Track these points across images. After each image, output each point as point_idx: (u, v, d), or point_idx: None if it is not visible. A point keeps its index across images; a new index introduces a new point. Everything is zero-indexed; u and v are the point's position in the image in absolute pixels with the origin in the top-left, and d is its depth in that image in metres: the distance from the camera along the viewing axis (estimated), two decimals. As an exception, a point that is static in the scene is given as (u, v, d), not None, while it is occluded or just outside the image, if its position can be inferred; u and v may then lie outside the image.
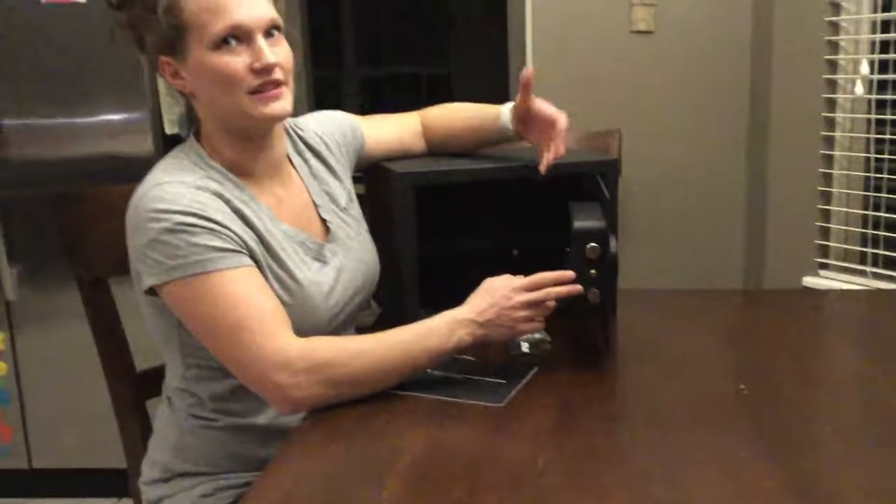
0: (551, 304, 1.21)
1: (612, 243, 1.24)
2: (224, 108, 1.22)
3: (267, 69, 1.19)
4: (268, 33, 1.21)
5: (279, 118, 1.25)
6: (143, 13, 1.20)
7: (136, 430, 1.43)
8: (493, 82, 3.59)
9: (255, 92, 1.20)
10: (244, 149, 1.27)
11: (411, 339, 1.18)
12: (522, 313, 1.20)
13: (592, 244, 1.21)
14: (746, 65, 2.76)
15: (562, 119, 1.38)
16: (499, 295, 1.20)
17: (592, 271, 1.22)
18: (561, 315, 1.24)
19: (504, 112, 1.47)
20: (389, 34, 5.26)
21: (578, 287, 1.21)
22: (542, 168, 1.37)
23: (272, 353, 1.13)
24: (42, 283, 2.45)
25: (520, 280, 1.21)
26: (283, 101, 1.22)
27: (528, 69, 1.38)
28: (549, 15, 2.80)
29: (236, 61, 1.18)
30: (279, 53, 1.21)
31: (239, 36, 1.18)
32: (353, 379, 1.14)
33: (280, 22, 1.23)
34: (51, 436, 2.55)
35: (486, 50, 4.33)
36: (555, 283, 1.21)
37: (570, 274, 1.21)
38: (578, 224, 1.23)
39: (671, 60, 2.79)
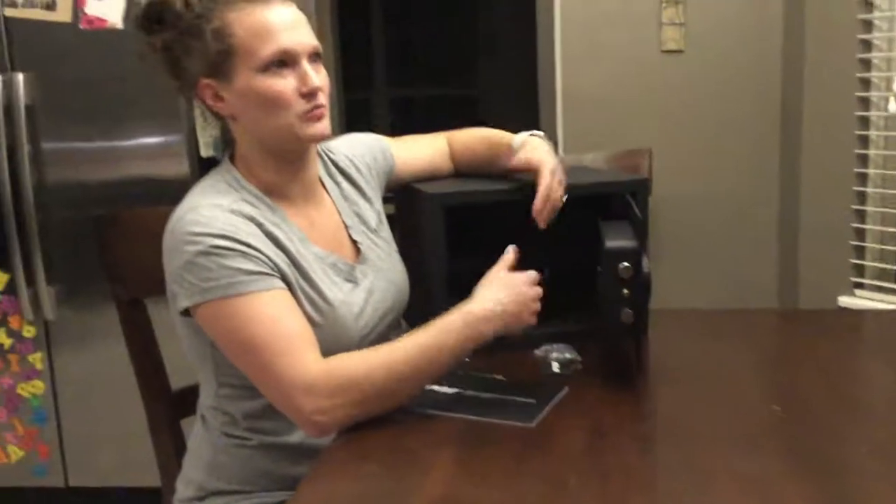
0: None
1: (645, 263, 1.23)
2: (268, 130, 1.25)
3: (313, 93, 1.23)
4: (310, 59, 1.25)
5: (322, 139, 1.29)
6: (185, 37, 1.23)
7: (171, 449, 1.45)
8: (522, 103, 3.61)
9: (301, 115, 1.23)
10: (281, 170, 1.29)
11: (430, 343, 1.18)
12: (536, 305, 1.25)
13: (625, 264, 1.21)
14: (777, 83, 2.75)
15: (545, 168, 1.38)
16: (516, 289, 1.23)
17: (625, 291, 1.22)
18: (594, 336, 1.24)
19: (515, 144, 1.48)
20: (419, 56, 5.30)
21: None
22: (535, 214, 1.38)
23: (296, 378, 1.14)
24: (80, 303, 2.49)
25: (529, 273, 1.26)
26: (326, 122, 1.27)
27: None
28: (579, 35, 2.81)
29: (285, 84, 1.22)
30: (321, 79, 1.25)
31: (286, 60, 1.22)
32: (378, 394, 1.15)
33: (321, 49, 1.28)
34: (87, 454, 2.58)
35: (515, 71, 4.35)
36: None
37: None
38: (610, 244, 1.23)
39: (701, 79, 2.78)
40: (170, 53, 1.26)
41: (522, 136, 1.49)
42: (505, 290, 1.22)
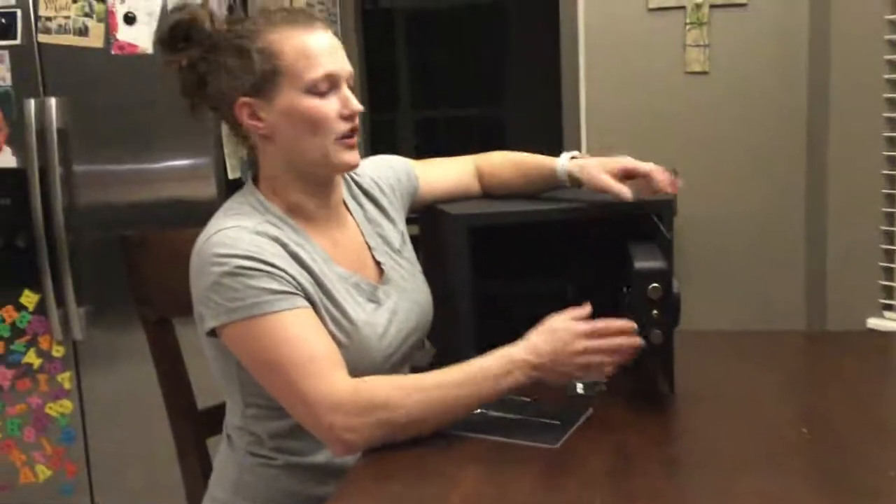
0: (609, 369, 1.20)
1: (675, 284, 1.23)
2: (303, 151, 1.27)
3: (353, 116, 1.27)
4: (347, 84, 1.28)
5: (351, 168, 1.32)
6: (220, 55, 1.25)
7: (197, 468, 1.45)
8: (546, 125, 3.62)
9: (340, 138, 1.26)
10: (309, 192, 1.31)
11: (465, 380, 1.18)
12: (580, 360, 1.18)
13: (654, 285, 1.20)
14: (803, 104, 2.74)
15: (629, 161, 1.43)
16: (559, 338, 1.18)
17: (654, 312, 1.21)
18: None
19: (559, 168, 1.48)
20: (443, 78, 5.33)
21: (639, 340, 1.19)
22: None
23: (324, 395, 1.15)
24: (108, 324, 2.52)
25: (582, 325, 1.19)
26: (356, 153, 1.30)
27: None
28: (603, 56, 2.82)
29: (328, 106, 1.25)
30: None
31: (330, 84, 1.25)
32: (406, 420, 1.15)
33: (353, 77, 1.30)
34: (113, 474, 2.60)
35: (540, 92, 4.36)
36: (618, 333, 1.19)
37: (633, 325, 1.20)
38: (640, 264, 1.22)
39: (726, 100, 2.78)
40: (194, 71, 1.28)
41: (566, 161, 1.48)
42: (551, 343, 1.18)
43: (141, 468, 2.54)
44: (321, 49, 1.25)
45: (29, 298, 2.51)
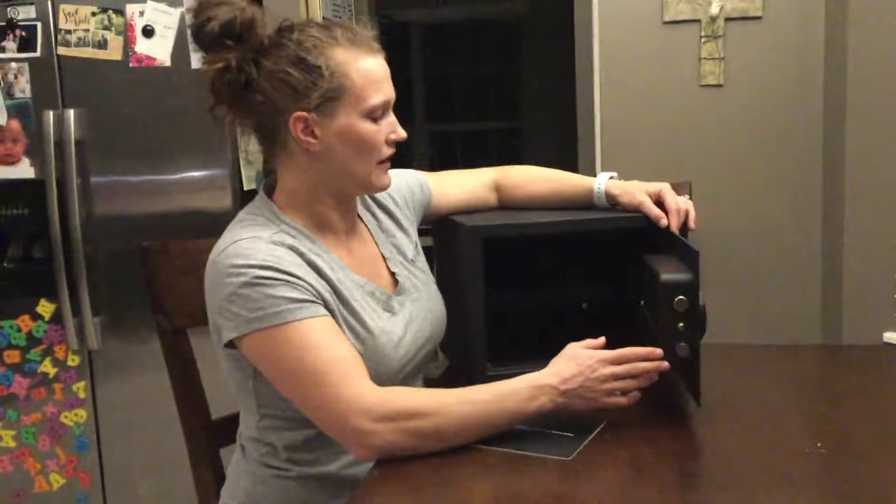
0: (636, 393, 1.20)
1: (701, 296, 1.22)
2: (353, 172, 1.28)
3: (398, 141, 1.30)
4: None
5: (386, 188, 1.35)
6: (284, 66, 1.22)
7: (210, 478, 1.46)
8: (560, 138, 3.62)
9: (381, 161, 1.29)
10: (335, 206, 1.33)
11: (491, 400, 1.17)
12: (606, 386, 1.19)
13: (681, 297, 1.20)
14: (819, 117, 2.73)
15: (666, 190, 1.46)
16: (584, 365, 1.19)
17: (680, 324, 1.20)
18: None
19: (598, 188, 1.50)
20: (459, 91, 5.35)
21: (665, 364, 1.20)
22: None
23: (352, 399, 1.15)
24: (123, 334, 2.54)
25: (607, 352, 1.20)
26: (390, 175, 1.33)
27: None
28: (618, 69, 2.82)
29: (380, 131, 1.27)
30: None
31: (383, 110, 1.27)
32: (431, 433, 1.15)
33: None
34: (127, 483, 2.60)
35: (555, 106, 4.37)
36: (644, 359, 1.20)
37: (658, 351, 1.20)
38: (666, 277, 1.21)
39: (741, 113, 2.77)
40: (238, 74, 1.23)
41: (604, 181, 1.50)
42: (573, 366, 1.19)
43: (154, 477, 2.55)
44: (382, 75, 1.27)
45: (45, 308, 2.53)
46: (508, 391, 1.18)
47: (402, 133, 1.30)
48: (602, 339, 1.23)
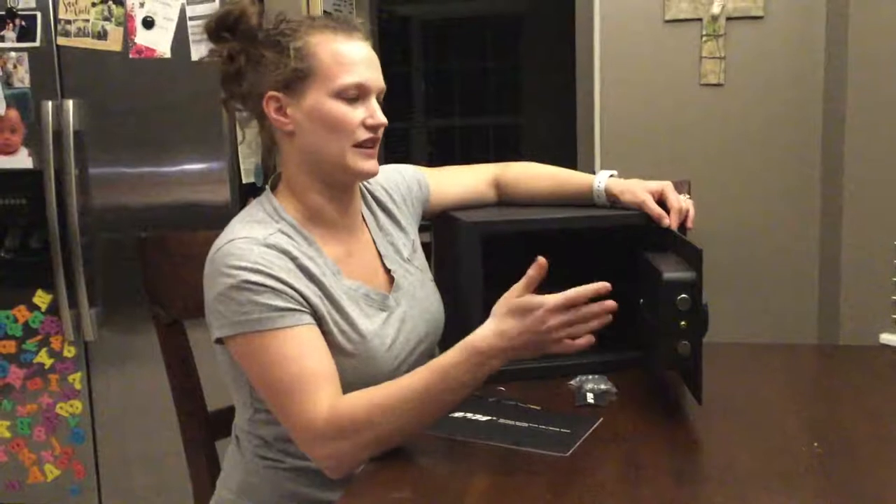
0: (589, 336, 1.12)
1: (704, 294, 1.22)
2: (324, 153, 1.28)
3: (376, 127, 1.29)
4: (376, 98, 1.30)
5: (368, 177, 1.33)
6: (259, 48, 1.28)
7: (205, 470, 1.46)
8: (561, 135, 3.62)
9: (358, 145, 1.28)
10: (329, 196, 1.32)
11: (435, 381, 1.14)
12: (559, 335, 1.11)
13: (683, 296, 1.19)
14: (819, 117, 2.73)
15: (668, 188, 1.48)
16: (530, 319, 1.10)
17: (683, 323, 1.20)
18: (640, 366, 1.22)
19: (598, 186, 1.51)
20: (459, 87, 5.35)
21: (612, 302, 1.11)
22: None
23: (304, 424, 1.16)
24: (119, 325, 2.53)
25: (553, 299, 1.10)
26: (375, 162, 1.32)
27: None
28: (619, 67, 2.82)
29: (353, 113, 1.27)
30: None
31: (359, 93, 1.27)
32: (384, 437, 1.15)
33: (383, 93, 1.32)
34: (121, 475, 2.60)
35: (555, 103, 4.37)
36: (595, 298, 1.11)
37: (605, 286, 1.11)
38: (669, 275, 1.21)
39: (741, 113, 2.77)
40: (233, 63, 1.30)
41: (604, 179, 1.52)
42: (515, 320, 1.11)
43: (149, 469, 2.55)
44: (356, 58, 1.27)
45: (42, 299, 2.52)
46: (450, 364, 1.13)
47: (380, 118, 1.29)
48: (534, 272, 1.14)
